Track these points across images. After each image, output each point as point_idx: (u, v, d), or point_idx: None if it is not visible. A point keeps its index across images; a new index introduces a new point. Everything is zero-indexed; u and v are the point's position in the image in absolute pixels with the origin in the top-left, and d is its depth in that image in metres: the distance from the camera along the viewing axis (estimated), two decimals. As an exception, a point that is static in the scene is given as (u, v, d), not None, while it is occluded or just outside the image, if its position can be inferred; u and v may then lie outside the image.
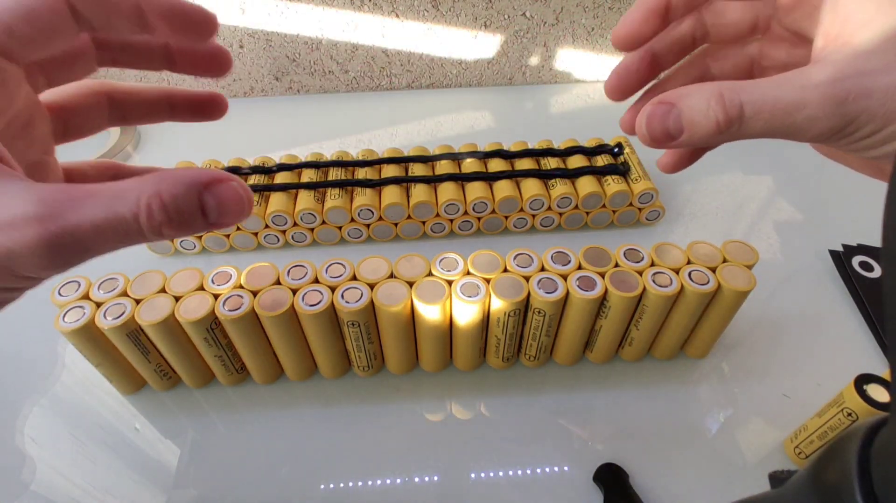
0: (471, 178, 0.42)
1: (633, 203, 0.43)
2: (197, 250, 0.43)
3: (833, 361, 0.35)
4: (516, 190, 0.42)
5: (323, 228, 0.42)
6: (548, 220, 0.43)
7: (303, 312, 0.29)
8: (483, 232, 0.44)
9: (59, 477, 0.30)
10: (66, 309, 0.30)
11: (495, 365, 0.35)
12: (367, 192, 0.41)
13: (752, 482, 0.29)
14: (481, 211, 0.42)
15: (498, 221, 0.43)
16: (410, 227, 0.43)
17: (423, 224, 0.43)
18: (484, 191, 0.41)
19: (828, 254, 0.42)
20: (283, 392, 0.34)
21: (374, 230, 0.43)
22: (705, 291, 0.30)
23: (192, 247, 0.43)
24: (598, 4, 0.56)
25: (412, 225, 0.43)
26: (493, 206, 0.41)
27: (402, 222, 0.42)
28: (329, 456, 0.31)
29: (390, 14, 0.55)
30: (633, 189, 0.42)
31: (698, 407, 0.33)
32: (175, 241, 0.42)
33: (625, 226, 0.45)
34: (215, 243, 0.43)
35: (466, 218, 0.42)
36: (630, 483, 0.29)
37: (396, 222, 0.42)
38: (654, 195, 0.42)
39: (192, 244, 0.42)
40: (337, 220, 0.41)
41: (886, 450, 0.12)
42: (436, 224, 0.43)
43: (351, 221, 0.42)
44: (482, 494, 0.29)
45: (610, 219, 0.44)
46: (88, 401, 0.34)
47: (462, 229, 0.43)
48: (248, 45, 0.57)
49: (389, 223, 0.42)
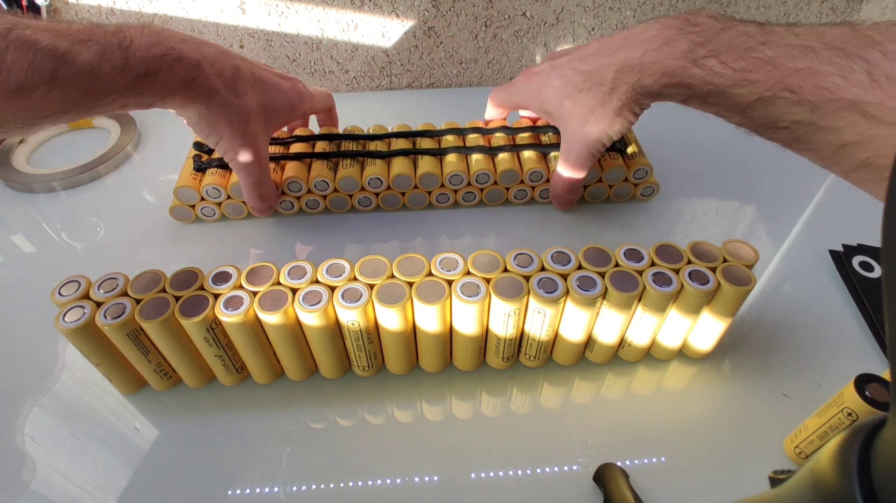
0: (474, 150, 0.45)
1: (628, 178, 0.45)
2: (216, 217, 0.45)
3: (833, 361, 0.35)
4: (517, 163, 0.44)
5: (335, 196, 0.44)
6: (546, 192, 0.46)
7: (302, 312, 0.29)
8: (485, 203, 0.46)
9: (59, 477, 0.30)
10: (66, 308, 0.30)
11: (495, 365, 0.35)
12: (377, 162, 0.44)
13: (752, 482, 0.29)
14: (484, 182, 0.44)
15: (499, 192, 0.45)
16: (417, 197, 0.45)
17: (428, 194, 0.45)
18: (486, 163, 0.44)
19: (828, 254, 0.42)
20: (283, 392, 0.34)
21: (383, 199, 0.45)
22: (705, 291, 0.30)
23: (211, 214, 0.45)
24: (598, 4, 0.56)
25: (418, 194, 0.45)
26: (495, 178, 0.44)
27: (409, 192, 0.44)
28: (329, 455, 0.31)
29: (390, 14, 0.55)
30: (628, 165, 0.45)
31: (698, 407, 0.33)
32: (196, 209, 0.44)
33: (621, 200, 0.47)
34: (233, 210, 0.45)
35: (470, 189, 0.45)
36: (630, 483, 0.29)
37: (404, 191, 0.44)
38: (648, 171, 0.45)
39: (212, 211, 0.44)
40: (348, 188, 0.44)
41: (886, 450, 0.12)
42: (441, 195, 0.45)
43: (361, 190, 0.44)
44: (482, 494, 0.29)
45: (606, 193, 0.46)
46: (88, 401, 0.34)
47: (466, 200, 0.46)
48: (248, 44, 0.57)
49: (397, 192, 0.44)
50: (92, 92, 0.30)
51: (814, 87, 0.24)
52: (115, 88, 0.30)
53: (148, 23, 0.35)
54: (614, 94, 0.34)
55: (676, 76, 0.30)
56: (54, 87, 0.28)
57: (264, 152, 0.40)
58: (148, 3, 0.53)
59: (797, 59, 0.25)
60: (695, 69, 0.29)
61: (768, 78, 0.26)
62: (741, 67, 0.27)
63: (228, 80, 0.36)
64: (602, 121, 0.35)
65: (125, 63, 0.30)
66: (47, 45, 0.27)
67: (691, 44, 0.30)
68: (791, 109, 0.25)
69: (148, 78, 0.31)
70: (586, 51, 0.36)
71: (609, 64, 0.33)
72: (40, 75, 0.27)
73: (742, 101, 0.28)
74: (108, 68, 0.29)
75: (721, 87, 0.28)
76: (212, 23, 0.55)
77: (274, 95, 0.39)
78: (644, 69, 0.32)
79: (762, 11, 0.58)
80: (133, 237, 0.44)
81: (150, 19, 0.54)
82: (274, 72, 0.41)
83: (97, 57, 0.29)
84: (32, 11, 0.51)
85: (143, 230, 0.44)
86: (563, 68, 0.37)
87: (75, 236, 0.44)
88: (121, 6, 0.53)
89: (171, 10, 0.54)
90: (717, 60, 0.28)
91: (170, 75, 0.32)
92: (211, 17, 0.55)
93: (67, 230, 0.45)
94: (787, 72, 0.25)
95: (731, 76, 0.28)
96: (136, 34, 0.31)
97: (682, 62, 0.30)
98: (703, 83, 0.29)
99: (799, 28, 0.27)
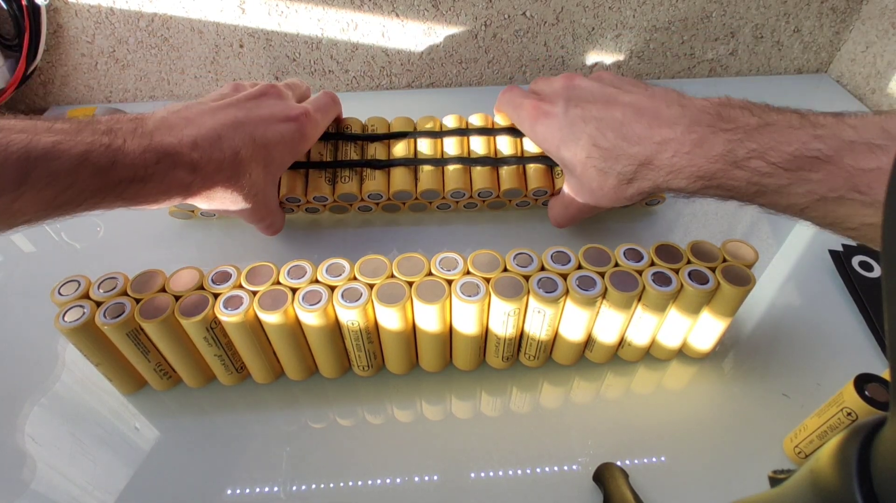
0: (478, 162, 0.43)
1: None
2: (216, 217, 0.45)
3: (833, 361, 0.35)
4: (522, 180, 0.42)
5: (334, 205, 0.44)
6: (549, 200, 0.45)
7: (302, 312, 0.29)
8: (487, 210, 0.46)
9: (59, 476, 0.30)
10: (65, 308, 0.30)
11: (495, 365, 0.35)
12: (376, 175, 0.43)
13: (752, 482, 0.29)
14: (486, 197, 0.43)
15: (502, 203, 0.45)
16: (417, 206, 0.45)
17: (429, 204, 0.44)
18: (490, 178, 0.42)
19: (828, 253, 0.42)
20: (283, 392, 0.34)
21: (383, 206, 0.44)
22: (705, 291, 0.30)
23: (211, 213, 0.44)
24: (598, 4, 0.56)
25: (419, 205, 0.44)
26: (498, 194, 0.43)
27: (409, 202, 0.44)
28: (329, 455, 0.31)
29: (390, 14, 0.55)
30: None
31: (698, 407, 0.33)
32: (196, 209, 0.44)
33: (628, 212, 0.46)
34: None
35: (472, 201, 0.44)
36: (630, 483, 0.29)
37: (405, 201, 0.44)
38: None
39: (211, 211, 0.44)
40: (347, 201, 0.43)
41: (886, 450, 0.12)
42: (442, 204, 0.44)
43: (361, 201, 0.43)
44: (482, 494, 0.29)
45: None
46: (88, 401, 0.34)
47: (467, 208, 0.45)
48: (248, 44, 0.57)
49: (397, 202, 0.44)
50: (70, 196, 0.27)
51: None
52: (99, 193, 0.28)
53: (145, 117, 0.32)
54: (632, 184, 0.32)
55: (716, 179, 0.27)
56: (26, 193, 0.25)
57: (274, 202, 0.39)
58: (148, 2, 0.53)
59: (863, 157, 0.22)
60: (737, 171, 0.26)
61: (831, 177, 0.23)
62: (795, 167, 0.24)
63: (229, 171, 0.33)
64: (612, 198, 0.34)
65: (111, 166, 0.27)
66: (18, 149, 0.25)
67: (728, 143, 0.27)
68: (861, 211, 0.23)
69: (138, 183, 0.29)
70: (607, 117, 0.32)
71: (632, 155, 0.31)
72: (9, 183, 0.24)
73: (799, 201, 0.25)
74: (90, 172, 0.27)
75: (771, 187, 0.25)
76: (212, 22, 0.55)
77: (278, 154, 0.36)
78: (675, 172, 0.29)
79: (762, 11, 0.58)
80: (133, 237, 0.44)
81: (150, 19, 0.54)
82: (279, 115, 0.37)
83: (77, 159, 0.26)
84: (32, 11, 0.51)
85: (143, 230, 0.44)
86: (578, 128, 0.34)
87: (75, 236, 0.44)
88: (120, 6, 0.53)
89: (171, 10, 0.54)
90: (763, 161, 0.25)
91: (163, 183, 0.30)
92: (211, 16, 0.55)
93: (67, 230, 0.45)
94: (852, 172, 0.22)
95: (783, 176, 0.25)
96: (128, 134, 0.29)
97: (720, 165, 0.27)
98: (749, 185, 0.26)
99: (851, 119, 0.24)
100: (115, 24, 0.55)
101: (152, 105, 0.60)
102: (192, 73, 0.59)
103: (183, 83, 0.60)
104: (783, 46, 0.61)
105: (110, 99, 0.61)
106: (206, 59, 0.58)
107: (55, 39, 0.55)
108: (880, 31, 0.56)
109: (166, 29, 0.55)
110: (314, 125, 0.39)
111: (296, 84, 0.43)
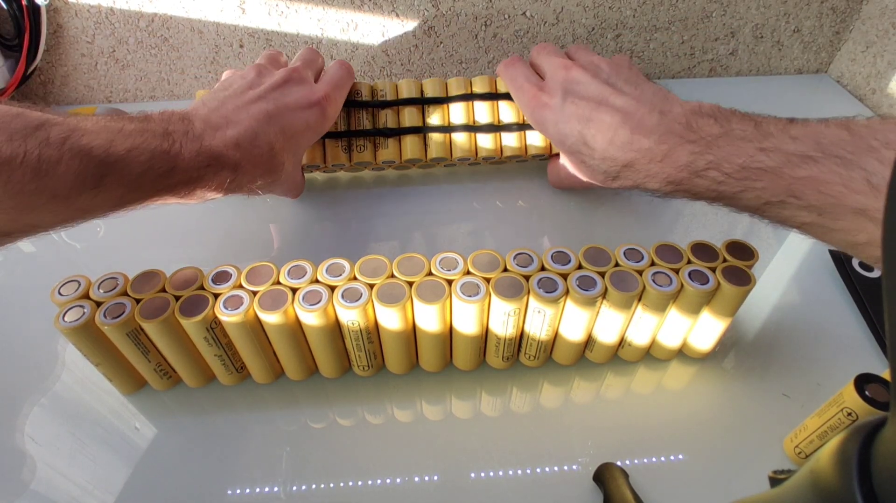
0: (482, 129, 0.45)
1: None
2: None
3: (833, 361, 0.35)
4: (523, 146, 0.46)
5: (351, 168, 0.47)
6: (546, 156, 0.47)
7: (302, 312, 0.29)
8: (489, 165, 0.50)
9: (59, 476, 0.30)
10: (65, 308, 0.30)
11: (495, 365, 0.35)
12: (389, 143, 0.45)
13: (751, 482, 0.29)
14: (491, 160, 0.47)
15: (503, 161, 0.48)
16: (426, 166, 0.49)
17: (438, 164, 0.48)
18: (494, 145, 0.45)
19: (828, 253, 0.42)
20: (283, 392, 0.34)
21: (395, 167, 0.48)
22: (705, 291, 0.30)
23: None
24: (598, 4, 0.56)
25: (428, 165, 0.48)
26: (501, 159, 0.46)
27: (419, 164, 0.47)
28: (329, 455, 0.31)
29: (390, 14, 0.55)
30: None
31: (698, 407, 0.33)
32: None
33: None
34: None
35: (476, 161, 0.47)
36: (630, 483, 0.29)
37: (415, 164, 0.47)
38: None
39: None
40: (364, 166, 0.47)
41: (886, 450, 0.12)
42: (448, 164, 0.48)
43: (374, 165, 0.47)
44: (482, 494, 0.29)
45: None
46: (88, 401, 0.34)
47: (471, 165, 0.49)
48: (248, 44, 0.57)
49: (409, 165, 0.47)
50: (135, 195, 0.30)
51: (817, 194, 0.24)
52: (157, 193, 0.31)
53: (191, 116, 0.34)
54: (616, 180, 0.35)
55: (683, 185, 0.31)
56: (100, 193, 0.28)
57: (299, 177, 0.43)
58: (148, 3, 0.53)
59: (797, 167, 0.25)
60: (698, 180, 0.30)
61: (772, 185, 0.26)
62: (743, 177, 0.28)
63: (266, 166, 0.36)
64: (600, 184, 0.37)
65: (171, 171, 0.30)
66: (100, 153, 0.27)
67: (691, 155, 0.30)
68: (799, 213, 0.26)
69: (190, 184, 0.32)
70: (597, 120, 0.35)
71: (615, 158, 0.34)
72: (89, 183, 0.27)
73: (749, 204, 0.28)
74: (154, 176, 0.30)
75: (727, 194, 0.29)
76: (212, 22, 0.55)
77: (305, 141, 0.40)
78: (650, 176, 0.32)
79: (762, 11, 0.58)
80: (133, 237, 0.44)
81: (150, 19, 0.54)
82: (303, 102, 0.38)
83: (145, 165, 0.29)
84: (32, 11, 0.51)
85: (143, 230, 0.44)
86: (572, 125, 0.36)
87: (75, 236, 0.44)
88: (120, 6, 0.53)
89: (171, 10, 0.54)
90: (718, 172, 0.29)
91: (212, 181, 0.33)
92: (211, 16, 0.55)
93: (67, 230, 0.45)
94: (789, 180, 0.26)
95: (734, 184, 0.28)
96: (182, 137, 0.31)
97: (685, 174, 0.30)
98: (708, 191, 0.30)
99: (795, 130, 0.27)
100: (115, 25, 0.55)
101: (152, 105, 0.60)
102: (192, 73, 0.59)
103: (183, 83, 0.60)
104: (783, 46, 0.61)
105: (110, 99, 0.61)
106: (206, 59, 0.58)
107: (55, 39, 0.55)
108: (880, 31, 0.56)
109: (166, 29, 0.55)
110: (335, 105, 0.42)
111: (311, 59, 0.44)
